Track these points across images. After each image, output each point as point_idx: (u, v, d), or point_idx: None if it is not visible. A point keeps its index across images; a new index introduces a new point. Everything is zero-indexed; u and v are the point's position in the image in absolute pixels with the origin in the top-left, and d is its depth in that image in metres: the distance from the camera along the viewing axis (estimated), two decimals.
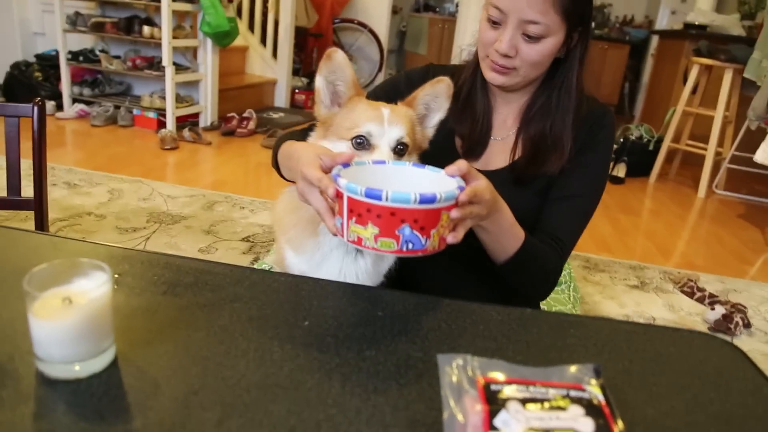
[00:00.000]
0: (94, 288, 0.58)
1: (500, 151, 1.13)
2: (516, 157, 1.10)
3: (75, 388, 0.56)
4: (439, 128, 1.00)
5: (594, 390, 0.58)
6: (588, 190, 1.08)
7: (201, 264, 0.85)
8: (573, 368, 0.61)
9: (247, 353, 0.64)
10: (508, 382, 0.58)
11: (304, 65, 6.36)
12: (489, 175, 0.96)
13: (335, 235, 0.75)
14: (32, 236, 0.95)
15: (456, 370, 0.59)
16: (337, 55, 0.89)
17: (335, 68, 0.90)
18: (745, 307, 2.33)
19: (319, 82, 0.92)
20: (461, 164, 0.75)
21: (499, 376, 0.59)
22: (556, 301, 1.57)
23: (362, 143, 0.87)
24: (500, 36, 0.99)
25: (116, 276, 0.77)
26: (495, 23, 0.99)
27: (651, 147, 4.51)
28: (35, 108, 1.33)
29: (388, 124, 0.87)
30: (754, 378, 0.71)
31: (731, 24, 4.72)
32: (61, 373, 0.57)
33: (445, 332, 0.73)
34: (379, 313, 0.76)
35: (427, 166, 0.80)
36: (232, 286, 0.79)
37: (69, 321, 0.56)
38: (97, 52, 4.52)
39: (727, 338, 2.16)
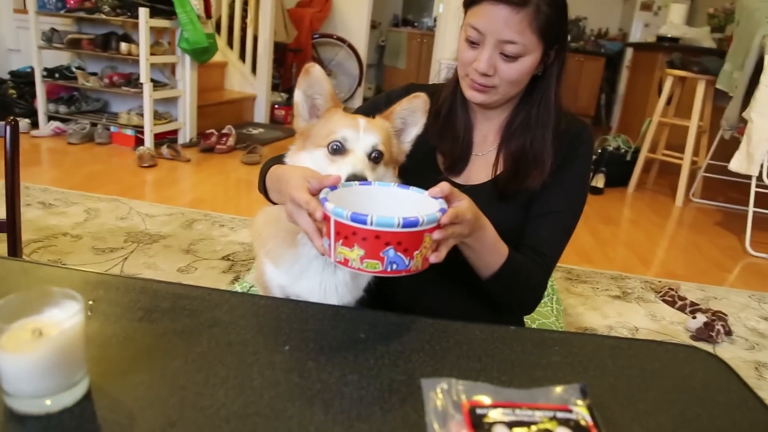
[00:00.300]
0: (65, 318, 0.56)
1: (482, 166, 1.13)
2: (498, 172, 1.11)
3: (45, 424, 0.53)
4: (421, 146, 1.01)
5: (581, 411, 0.58)
6: (569, 204, 1.09)
7: (178, 288, 0.83)
8: (559, 389, 0.61)
9: (225, 381, 0.62)
10: (494, 406, 0.57)
11: (284, 80, 6.36)
12: (471, 189, 0.96)
13: (323, 255, 0.76)
14: (2, 263, 0.92)
15: (440, 394, 0.58)
16: (315, 70, 0.91)
17: (313, 82, 0.92)
18: (725, 315, 2.36)
19: (297, 96, 0.94)
20: (444, 186, 0.77)
21: (484, 399, 0.58)
22: (539, 314, 1.57)
23: (338, 149, 0.88)
24: (479, 56, 1.00)
25: (90, 302, 0.75)
26: (473, 43, 1.01)
27: (628, 157, 4.58)
28: (8, 127, 1.29)
29: (363, 131, 0.88)
30: (738, 390, 0.71)
31: (702, 36, 4.85)
32: (30, 408, 0.54)
33: (428, 353, 0.72)
34: (361, 335, 0.75)
35: (411, 187, 0.82)
36: (210, 310, 0.77)
37: (39, 354, 0.54)
38: (74, 69, 4.46)
39: (710, 346, 2.18)
